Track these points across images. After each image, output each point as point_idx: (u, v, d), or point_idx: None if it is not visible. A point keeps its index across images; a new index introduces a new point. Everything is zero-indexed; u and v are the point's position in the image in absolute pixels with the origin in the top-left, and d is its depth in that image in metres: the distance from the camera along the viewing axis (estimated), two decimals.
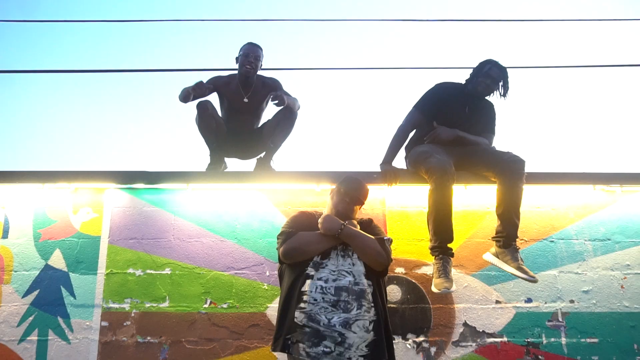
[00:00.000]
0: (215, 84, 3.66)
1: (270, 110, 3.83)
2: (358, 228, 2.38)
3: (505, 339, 3.04)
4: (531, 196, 3.22)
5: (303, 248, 2.29)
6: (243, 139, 3.74)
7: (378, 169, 3.22)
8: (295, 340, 2.15)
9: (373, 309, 2.21)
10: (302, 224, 2.41)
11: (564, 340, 3.04)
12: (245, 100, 3.43)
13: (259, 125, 3.82)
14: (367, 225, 2.49)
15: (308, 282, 2.22)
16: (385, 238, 2.39)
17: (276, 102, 3.45)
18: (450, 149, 3.11)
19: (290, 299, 2.23)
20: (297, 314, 2.18)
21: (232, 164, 3.95)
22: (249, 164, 3.89)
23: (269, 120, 3.73)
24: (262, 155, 3.70)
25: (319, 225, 2.33)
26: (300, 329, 2.15)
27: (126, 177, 3.24)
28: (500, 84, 3.26)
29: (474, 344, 3.02)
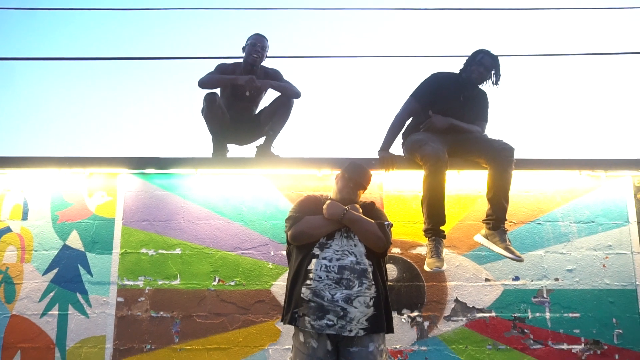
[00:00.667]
0: (223, 73, 3.72)
1: (268, 97, 3.92)
2: (360, 212, 2.47)
3: (493, 314, 3.19)
4: (520, 181, 3.31)
5: (309, 232, 2.41)
6: (243, 126, 3.82)
7: (376, 156, 3.31)
8: (302, 314, 2.29)
9: (373, 286, 2.33)
10: (308, 208, 2.51)
11: (548, 315, 3.20)
12: (247, 94, 3.54)
13: (257, 112, 3.90)
14: (370, 209, 2.59)
15: (314, 261, 2.34)
16: (385, 223, 2.49)
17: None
18: (444, 136, 3.20)
19: (298, 277, 2.36)
20: (303, 290, 2.31)
21: (234, 149, 4.05)
22: (252, 150, 4.01)
23: (265, 107, 3.80)
24: (261, 142, 3.76)
25: (323, 212, 2.43)
26: (306, 303, 2.29)
27: (138, 163, 3.36)
28: (492, 72, 3.32)
29: (464, 319, 3.19)
